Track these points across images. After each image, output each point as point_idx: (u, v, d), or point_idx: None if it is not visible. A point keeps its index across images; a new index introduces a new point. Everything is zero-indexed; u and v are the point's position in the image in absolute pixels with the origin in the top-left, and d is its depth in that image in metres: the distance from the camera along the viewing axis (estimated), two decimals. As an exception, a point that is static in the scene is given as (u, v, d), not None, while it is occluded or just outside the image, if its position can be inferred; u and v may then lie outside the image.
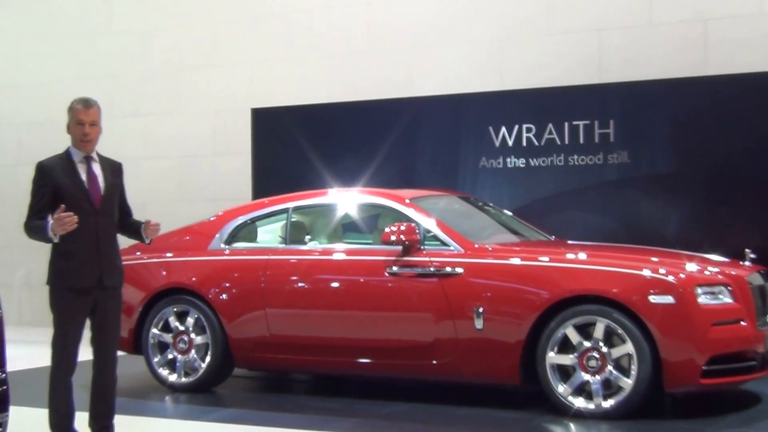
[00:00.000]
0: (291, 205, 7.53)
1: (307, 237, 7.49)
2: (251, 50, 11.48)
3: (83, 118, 5.20)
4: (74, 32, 12.56)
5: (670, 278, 6.08)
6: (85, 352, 5.27)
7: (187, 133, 11.81)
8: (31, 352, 8.20)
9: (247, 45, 11.52)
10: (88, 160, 5.26)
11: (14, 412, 5.63)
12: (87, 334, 5.28)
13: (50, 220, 5.01)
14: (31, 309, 12.42)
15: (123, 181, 5.46)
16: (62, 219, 4.96)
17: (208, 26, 11.76)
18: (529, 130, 9.38)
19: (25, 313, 12.55)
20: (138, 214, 5.64)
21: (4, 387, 4.69)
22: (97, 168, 5.29)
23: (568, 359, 6.17)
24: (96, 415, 5.32)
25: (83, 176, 5.23)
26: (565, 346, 6.19)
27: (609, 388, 6.08)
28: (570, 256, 6.65)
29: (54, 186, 5.15)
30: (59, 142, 5.35)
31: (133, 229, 5.50)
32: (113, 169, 5.38)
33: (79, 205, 5.14)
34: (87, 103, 5.22)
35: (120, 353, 5.53)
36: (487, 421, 6.25)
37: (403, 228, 6.68)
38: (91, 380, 5.33)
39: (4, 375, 4.59)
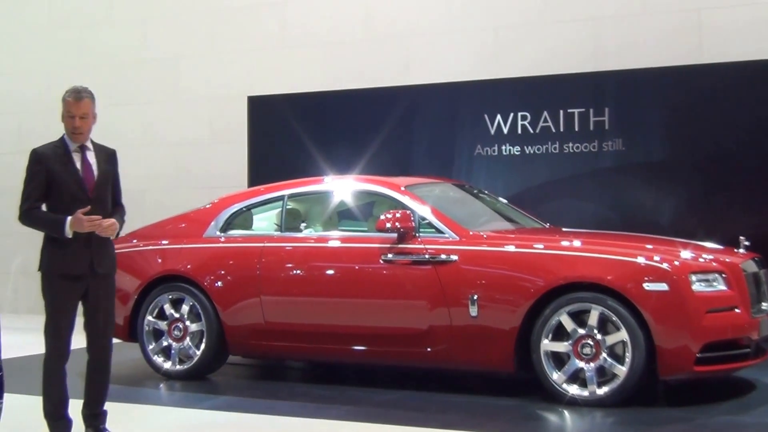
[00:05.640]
0: (286, 192, 7.52)
1: (303, 224, 7.50)
2: (248, 38, 11.46)
3: (74, 111, 5.16)
4: (73, 21, 12.53)
5: (665, 265, 6.08)
6: (81, 340, 5.27)
7: (183, 121, 11.80)
8: (26, 340, 8.18)
9: (244, 33, 11.50)
10: (82, 148, 5.24)
11: (8, 399, 5.65)
12: (81, 320, 5.28)
13: (69, 218, 5.02)
14: (27, 297, 12.42)
15: (117, 167, 5.42)
16: (93, 220, 5.03)
17: (205, 15, 11.73)
18: (524, 117, 9.39)
19: (22, 300, 12.55)
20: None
21: (0, 374, 4.70)
22: (91, 156, 5.26)
23: (562, 346, 6.18)
24: (89, 401, 5.32)
25: (78, 164, 5.20)
26: (560, 334, 6.19)
27: (603, 375, 6.09)
28: (565, 243, 6.67)
29: (48, 173, 5.13)
30: (58, 130, 5.32)
31: None
32: (107, 157, 5.35)
33: (73, 192, 5.14)
34: (78, 95, 5.16)
35: (115, 340, 5.52)
36: (481, 409, 6.25)
37: (398, 215, 6.68)
38: (86, 366, 5.33)
39: (-1, 362, 4.60)
